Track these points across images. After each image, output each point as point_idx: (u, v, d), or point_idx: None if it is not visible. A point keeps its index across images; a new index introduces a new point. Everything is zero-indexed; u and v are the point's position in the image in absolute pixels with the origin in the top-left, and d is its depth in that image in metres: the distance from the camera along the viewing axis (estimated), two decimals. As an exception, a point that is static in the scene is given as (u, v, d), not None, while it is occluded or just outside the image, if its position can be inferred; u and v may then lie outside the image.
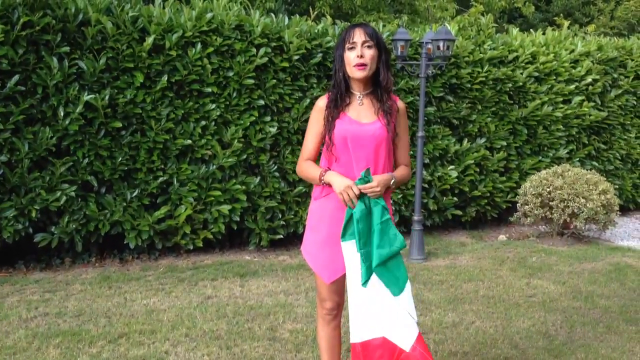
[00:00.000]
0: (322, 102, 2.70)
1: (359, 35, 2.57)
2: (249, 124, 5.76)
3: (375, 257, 2.53)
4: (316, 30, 6.16)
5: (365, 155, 2.60)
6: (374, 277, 2.53)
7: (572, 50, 7.72)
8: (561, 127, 7.51)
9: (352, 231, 2.54)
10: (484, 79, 6.96)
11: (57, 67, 4.98)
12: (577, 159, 7.70)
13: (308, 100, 5.97)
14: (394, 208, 6.31)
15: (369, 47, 2.57)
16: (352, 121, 2.62)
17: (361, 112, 2.65)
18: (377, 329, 2.55)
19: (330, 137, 2.62)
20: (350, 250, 2.56)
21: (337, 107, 2.64)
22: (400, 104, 2.72)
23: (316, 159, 2.75)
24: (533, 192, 6.50)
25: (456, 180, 6.80)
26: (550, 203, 6.38)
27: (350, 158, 2.61)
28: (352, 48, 2.58)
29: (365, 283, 2.52)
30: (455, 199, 6.89)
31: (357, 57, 2.56)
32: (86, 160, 5.19)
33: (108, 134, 5.29)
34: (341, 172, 2.61)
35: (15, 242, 5.08)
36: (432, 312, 4.26)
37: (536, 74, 7.36)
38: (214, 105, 5.62)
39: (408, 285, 2.59)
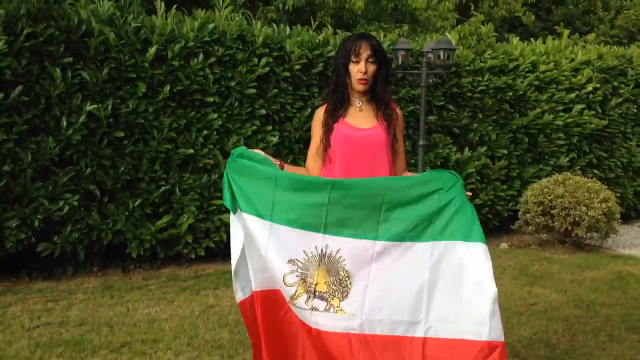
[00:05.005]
0: (320, 112, 2.75)
1: (365, 49, 2.60)
2: (250, 133, 5.78)
3: None
4: (317, 40, 6.20)
5: (363, 160, 2.64)
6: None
7: (573, 59, 7.75)
8: (562, 135, 7.53)
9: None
10: (484, 87, 6.99)
11: (60, 78, 5.00)
12: (578, 167, 7.71)
13: (309, 110, 6.00)
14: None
15: (372, 62, 2.62)
16: (351, 127, 2.67)
17: (360, 119, 2.69)
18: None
19: (328, 139, 2.67)
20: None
21: (336, 111, 2.69)
22: (399, 111, 2.77)
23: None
24: (534, 201, 6.50)
25: (457, 188, 6.80)
26: (552, 211, 6.38)
27: (345, 162, 2.65)
28: (357, 61, 2.62)
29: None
30: (456, 207, 6.88)
31: (361, 72, 2.62)
32: (89, 170, 5.21)
33: (111, 144, 5.31)
34: (337, 174, 2.64)
35: (18, 252, 5.10)
36: (434, 321, 4.25)
37: (537, 82, 7.39)
38: (215, 115, 5.65)
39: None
